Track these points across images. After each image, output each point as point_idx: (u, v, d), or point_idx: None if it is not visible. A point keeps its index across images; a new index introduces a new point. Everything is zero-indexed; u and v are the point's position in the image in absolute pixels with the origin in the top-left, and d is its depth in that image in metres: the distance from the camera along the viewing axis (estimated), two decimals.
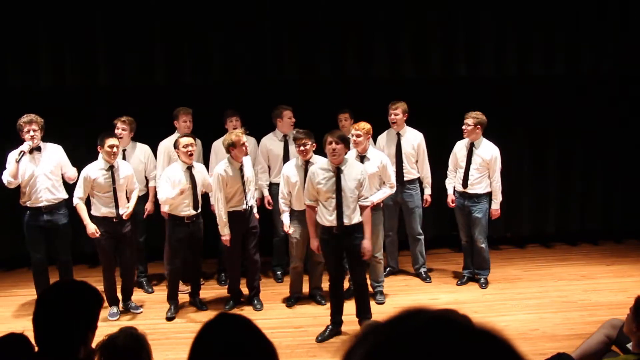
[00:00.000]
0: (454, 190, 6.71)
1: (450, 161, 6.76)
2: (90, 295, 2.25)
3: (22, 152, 5.85)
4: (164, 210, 6.27)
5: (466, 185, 6.53)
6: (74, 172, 6.19)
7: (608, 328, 4.10)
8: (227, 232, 5.97)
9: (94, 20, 6.76)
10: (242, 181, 6.00)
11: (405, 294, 6.59)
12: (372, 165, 5.98)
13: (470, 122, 6.40)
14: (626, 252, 7.79)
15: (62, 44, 6.76)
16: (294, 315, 6.14)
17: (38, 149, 6.00)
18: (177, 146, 6.00)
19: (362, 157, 6.02)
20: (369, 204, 5.43)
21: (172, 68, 6.92)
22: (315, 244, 5.55)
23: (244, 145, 5.93)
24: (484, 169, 6.48)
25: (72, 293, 2.24)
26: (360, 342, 0.83)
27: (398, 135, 6.72)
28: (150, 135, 6.81)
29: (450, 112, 7.39)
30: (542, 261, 7.57)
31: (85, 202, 5.96)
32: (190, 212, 6.01)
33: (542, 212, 8.08)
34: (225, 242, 6.01)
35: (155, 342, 3.83)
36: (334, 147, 5.24)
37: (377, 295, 6.30)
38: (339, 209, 5.28)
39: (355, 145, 5.93)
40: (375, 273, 6.29)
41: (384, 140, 6.77)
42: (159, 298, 6.50)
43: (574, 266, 7.33)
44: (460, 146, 6.63)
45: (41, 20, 6.70)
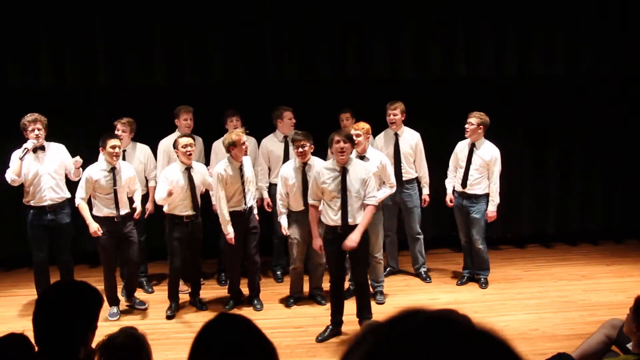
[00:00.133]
0: (454, 190, 6.71)
1: (451, 161, 6.76)
2: (90, 295, 2.25)
3: (26, 150, 5.87)
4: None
5: (465, 185, 6.53)
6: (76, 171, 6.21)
7: (608, 328, 4.10)
8: (230, 230, 5.96)
9: (94, 20, 6.76)
10: (242, 181, 6.00)
11: (405, 294, 6.60)
12: (372, 165, 5.97)
13: (474, 121, 6.40)
14: (626, 252, 7.79)
15: (62, 44, 6.76)
16: (294, 315, 6.14)
17: (42, 148, 6.02)
18: (176, 146, 6.01)
19: (361, 157, 6.01)
20: (375, 203, 5.42)
21: (172, 68, 6.92)
22: (317, 243, 5.54)
23: (244, 145, 5.93)
24: (484, 169, 6.48)
25: (72, 293, 2.25)
26: (359, 342, 0.83)
27: (396, 135, 6.72)
28: (150, 135, 6.81)
29: (450, 112, 7.40)
30: (542, 261, 7.57)
31: (87, 202, 5.98)
32: (189, 212, 6.02)
33: (542, 212, 8.08)
34: (230, 240, 5.98)
35: (155, 342, 3.83)
36: (342, 147, 5.23)
37: (377, 295, 6.30)
38: (344, 208, 5.28)
39: (355, 145, 5.93)
40: (375, 273, 6.29)
41: (382, 141, 6.77)
42: (159, 298, 6.50)
43: (574, 266, 7.34)
44: (462, 146, 6.63)
45: (41, 20, 6.70)
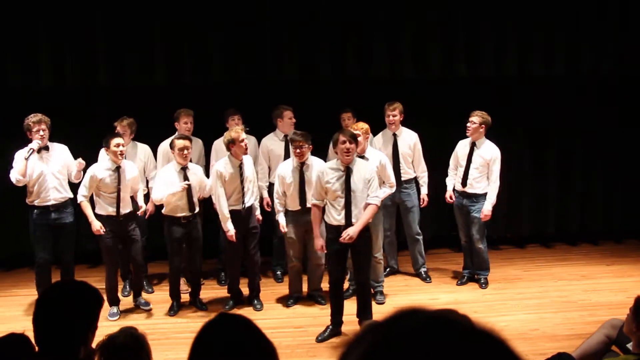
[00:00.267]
0: (454, 190, 6.71)
1: (451, 160, 6.76)
2: (90, 295, 2.25)
3: (31, 150, 5.88)
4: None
5: (465, 184, 6.53)
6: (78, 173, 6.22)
7: (608, 328, 4.10)
8: (229, 227, 5.95)
9: (94, 20, 6.76)
10: (241, 179, 5.99)
11: (405, 294, 6.60)
12: (372, 165, 5.97)
13: (476, 120, 6.39)
14: (626, 252, 7.79)
15: (62, 44, 6.76)
16: (294, 315, 6.14)
17: (46, 148, 6.05)
18: (172, 147, 6.00)
19: (360, 157, 6.00)
20: (378, 203, 5.42)
21: (172, 68, 6.92)
22: (319, 243, 5.54)
23: (243, 142, 5.92)
24: (484, 169, 6.47)
25: (72, 293, 2.25)
26: (358, 341, 0.83)
27: (394, 135, 6.72)
28: (150, 135, 6.81)
29: (450, 112, 7.40)
30: (542, 261, 7.57)
31: (89, 201, 5.98)
32: (185, 213, 6.01)
33: (542, 212, 8.08)
34: (230, 237, 5.97)
35: (155, 342, 3.83)
36: (347, 147, 5.22)
37: (377, 295, 6.30)
38: (347, 208, 5.28)
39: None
40: (375, 273, 6.28)
41: (381, 141, 6.76)
42: (159, 298, 6.51)
43: (574, 266, 7.34)
44: (462, 145, 6.62)
45: (41, 20, 6.71)
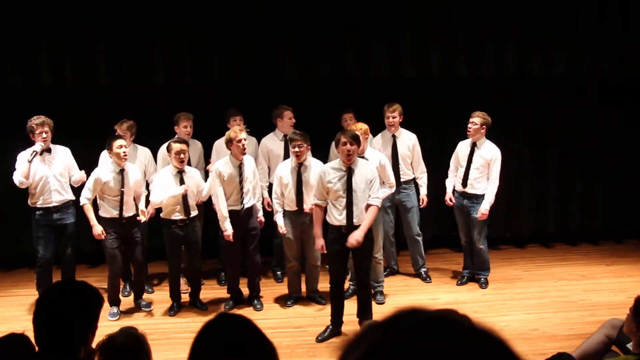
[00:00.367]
0: (454, 190, 6.71)
1: (452, 161, 6.75)
2: (90, 295, 2.25)
3: (34, 152, 5.89)
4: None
5: (466, 184, 6.53)
6: (79, 176, 6.23)
7: (608, 328, 4.10)
8: (227, 227, 5.95)
9: (94, 20, 6.76)
10: (240, 179, 5.99)
11: (405, 294, 6.60)
12: (373, 166, 5.97)
13: (477, 121, 6.39)
14: (626, 252, 7.79)
15: (62, 44, 6.76)
16: (294, 315, 6.13)
17: (48, 150, 6.06)
18: (169, 150, 6.00)
19: (360, 158, 6.00)
20: (379, 204, 5.42)
21: (172, 68, 6.92)
22: (320, 243, 5.53)
23: (241, 142, 5.90)
24: (484, 169, 6.47)
25: (72, 293, 2.25)
26: (358, 341, 0.83)
27: (393, 137, 6.71)
28: (150, 135, 6.81)
29: (450, 112, 7.40)
30: (542, 261, 7.57)
31: (92, 204, 5.98)
32: (181, 216, 6.00)
33: (542, 212, 8.08)
34: (227, 237, 5.98)
35: (155, 342, 3.83)
36: (349, 148, 5.22)
37: (377, 295, 6.30)
38: (349, 208, 5.28)
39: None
40: (375, 273, 6.27)
41: (380, 142, 6.75)
42: (159, 298, 6.51)
43: (574, 266, 7.33)
44: (463, 146, 6.62)
45: (41, 20, 6.70)
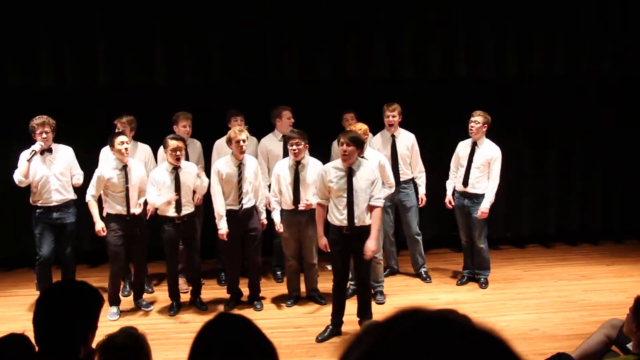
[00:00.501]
0: (454, 190, 6.71)
1: (452, 161, 6.75)
2: (90, 295, 2.25)
3: (33, 152, 5.89)
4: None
5: (466, 184, 6.52)
6: (80, 177, 6.24)
7: (608, 328, 4.10)
8: (222, 225, 5.95)
9: (94, 20, 6.76)
10: (239, 179, 5.98)
11: (405, 294, 6.60)
12: (374, 166, 5.97)
13: (479, 120, 6.39)
14: (626, 252, 7.79)
15: (62, 44, 6.76)
16: (294, 315, 6.13)
17: (49, 150, 6.05)
18: (165, 146, 5.98)
19: (361, 158, 6.00)
20: (381, 205, 5.42)
21: (172, 68, 6.92)
22: (322, 242, 5.53)
23: (239, 142, 5.90)
24: (485, 168, 6.47)
25: (72, 293, 2.24)
26: (358, 341, 0.83)
27: (392, 137, 6.71)
28: (150, 135, 6.80)
29: (450, 112, 7.40)
30: (542, 261, 7.57)
31: (98, 201, 5.99)
32: (175, 214, 5.99)
33: (542, 212, 8.08)
34: (221, 236, 5.97)
35: (155, 342, 3.83)
36: (344, 149, 5.22)
37: (377, 295, 6.30)
38: (349, 207, 5.28)
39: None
40: (375, 273, 6.27)
41: (379, 142, 6.75)
42: (159, 298, 6.51)
43: (574, 266, 7.34)
44: (463, 146, 6.62)
45: (41, 20, 6.70)
